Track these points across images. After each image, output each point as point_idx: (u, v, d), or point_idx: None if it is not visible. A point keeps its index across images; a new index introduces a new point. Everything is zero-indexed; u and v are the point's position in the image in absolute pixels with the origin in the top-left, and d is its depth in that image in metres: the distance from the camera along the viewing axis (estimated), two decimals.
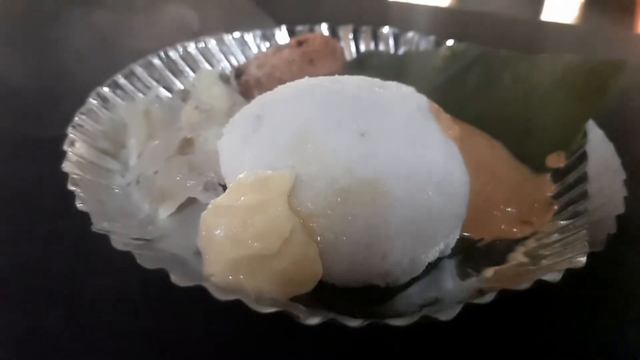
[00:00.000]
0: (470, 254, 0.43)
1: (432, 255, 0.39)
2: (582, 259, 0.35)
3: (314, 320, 0.31)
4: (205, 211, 0.38)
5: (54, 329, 0.37)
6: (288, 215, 0.36)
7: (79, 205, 0.39)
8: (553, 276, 0.33)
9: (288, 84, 0.46)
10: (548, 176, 0.50)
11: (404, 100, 0.44)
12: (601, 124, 0.51)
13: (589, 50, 0.83)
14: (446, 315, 0.31)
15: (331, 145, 0.38)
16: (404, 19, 0.97)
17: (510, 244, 0.43)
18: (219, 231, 0.37)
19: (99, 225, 0.37)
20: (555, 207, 0.47)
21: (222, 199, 0.38)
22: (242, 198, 0.37)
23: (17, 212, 0.48)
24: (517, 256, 0.42)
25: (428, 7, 1.11)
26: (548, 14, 1.29)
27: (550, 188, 0.49)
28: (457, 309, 0.31)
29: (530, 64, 0.59)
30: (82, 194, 0.40)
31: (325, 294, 0.37)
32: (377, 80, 0.46)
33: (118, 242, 0.35)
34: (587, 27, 1.11)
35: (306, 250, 0.36)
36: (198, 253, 0.39)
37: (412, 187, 0.38)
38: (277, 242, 0.35)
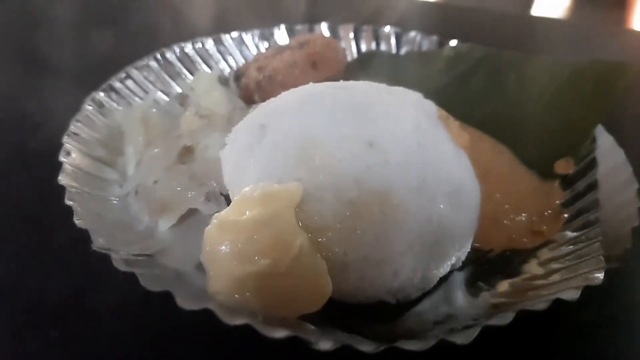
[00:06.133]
0: (481, 265, 0.42)
1: (443, 270, 0.38)
2: (599, 275, 0.34)
3: (326, 345, 0.30)
4: (209, 226, 0.36)
5: (52, 351, 0.36)
6: (296, 231, 0.34)
7: (77, 221, 0.37)
8: (571, 294, 0.32)
9: (292, 90, 0.44)
10: (556, 183, 0.49)
11: (412, 107, 0.42)
12: (610, 129, 0.50)
13: (581, 46, 0.82)
14: (464, 338, 0.30)
15: (338, 155, 0.37)
16: (393, 14, 0.95)
17: (522, 256, 0.42)
18: (223, 247, 0.35)
19: (99, 243, 0.36)
20: (565, 216, 0.46)
21: (227, 213, 0.37)
22: (248, 213, 0.36)
23: (12, 226, 0.46)
24: (531, 268, 0.41)
25: (417, 2, 1.09)
26: (538, 9, 1.28)
27: (559, 196, 0.48)
28: (475, 332, 0.30)
29: (536, 66, 0.58)
30: (79, 209, 0.39)
31: (334, 310, 0.35)
32: (383, 86, 0.45)
33: (120, 262, 0.34)
34: (579, 22, 1.10)
35: (315, 267, 0.34)
36: (200, 267, 0.38)
37: (423, 199, 0.36)
38: (286, 259, 0.33)
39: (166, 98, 0.61)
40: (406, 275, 0.36)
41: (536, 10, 1.28)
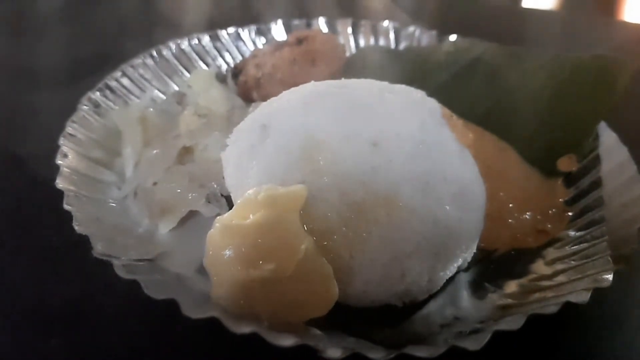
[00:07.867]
0: (487, 266, 0.41)
1: (450, 272, 0.37)
2: (608, 276, 0.34)
3: (335, 353, 0.29)
4: (211, 230, 0.36)
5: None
6: (301, 234, 0.34)
7: (77, 227, 0.37)
8: (581, 297, 0.32)
9: (293, 89, 0.43)
10: (560, 181, 0.49)
11: (416, 106, 0.42)
12: (613, 127, 0.50)
13: (573, 37, 0.82)
14: (475, 344, 0.29)
15: (342, 156, 0.36)
16: (382, 7, 0.94)
17: (528, 256, 0.42)
18: (227, 251, 0.34)
19: (100, 250, 0.35)
20: (570, 214, 0.45)
21: (230, 216, 0.36)
22: (251, 216, 0.35)
23: (11, 231, 0.45)
24: (537, 268, 0.40)
25: None
26: (529, 1, 1.28)
27: (562, 193, 0.48)
28: (486, 337, 0.29)
29: (537, 61, 0.58)
30: (78, 214, 0.38)
31: (340, 315, 0.35)
32: (386, 84, 0.44)
33: (121, 269, 0.33)
34: (569, 14, 1.09)
35: (320, 271, 0.34)
36: (201, 270, 0.37)
37: (428, 200, 0.36)
38: (291, 264, 0.33)
39: (163, 96, 0.60)
40: (413, 278, 0.35)
41: (527, 3, 1.28)
